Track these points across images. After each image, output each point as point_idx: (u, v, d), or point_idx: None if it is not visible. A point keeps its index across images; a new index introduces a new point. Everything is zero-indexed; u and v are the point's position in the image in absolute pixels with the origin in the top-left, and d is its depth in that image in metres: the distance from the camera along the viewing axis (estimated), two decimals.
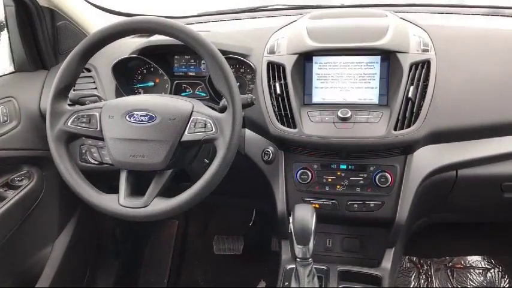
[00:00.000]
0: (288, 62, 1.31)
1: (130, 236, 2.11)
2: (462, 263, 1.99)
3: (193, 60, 1.50)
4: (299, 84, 1.32)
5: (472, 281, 1.92)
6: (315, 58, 1.32)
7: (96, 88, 1.50)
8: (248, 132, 1.38)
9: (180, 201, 1.08)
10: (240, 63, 1.43)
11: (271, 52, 1.36)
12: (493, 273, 1.93)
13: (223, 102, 1.19)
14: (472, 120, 1.28)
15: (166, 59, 1.53)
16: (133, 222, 1.17)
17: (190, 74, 1.51)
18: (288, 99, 1.28)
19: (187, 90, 1.51)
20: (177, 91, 1.51)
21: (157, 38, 1.47)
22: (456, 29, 1.46)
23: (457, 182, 1.35)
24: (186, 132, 1.09)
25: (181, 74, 1.51)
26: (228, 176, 1.09)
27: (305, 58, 1.32)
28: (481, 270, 1.95)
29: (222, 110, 1.13)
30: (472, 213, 1.68)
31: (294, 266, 1.18)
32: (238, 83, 1.39)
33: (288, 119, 1.28)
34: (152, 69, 1.53)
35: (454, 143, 1.30)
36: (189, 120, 1.10)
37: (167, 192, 1.14)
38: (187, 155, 1.20)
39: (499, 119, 1.29)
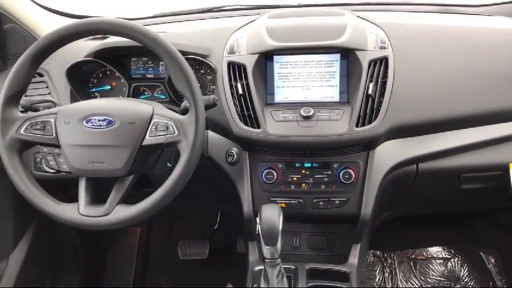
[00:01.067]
0: (249, 62, 1.30)
1: (91, 245, 2.04)
2: (424, 254, 2.04)
3: (151, 62, 1.47)
4: (261, 83, 1.32)
5: (434, 271, 1.98)
6: (275, 57, 1.32)
7: (49, 93, 1.44)
8: (211, 134, 1.36)
9: (143, 207, 1.05)
10: (199, 63, 1.41)
11: (231, 52, 1.35)
12: (453, 263, 1.99)
13: (184, 103, 1.16)
14: (430, 114, 1.31)
15: (123, 62, 1.48)
16: (94, 232, 1.12)
17: (149, 76, 1.47)
18: (251, 99, 1.27)
19: (145, 93, 1.47)
20: (135, 94, 1.47)
21: (113, 40, 1.43)
22: (411, 26, 1.49)
23: (417, 176, 1.38)
24: (147, 136, 1.06)
25: (139, 76, 1.47)
26: (192, 179, 1.07)
27: (266, 57, 1.32)
28: (441, 260, 2.01)
29: (184, 112, 1.11)
30: (433, 205, 1.73)
31: (262, 267, 1.18)
32: (199, 84, 1.37)
33: (251, 119, 1.27)
34: (108, 73, 1.48)
35: (414, 137, 1.33)
36: (149, 123, 1.07)
37: (129, 198, 1.10)
38: (149, 159, 1.16)
39: (456, 112, 1.33)
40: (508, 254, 1.97)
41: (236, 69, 1.31)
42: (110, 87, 1.48)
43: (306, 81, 1.32)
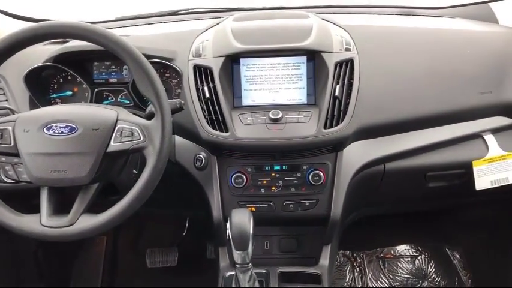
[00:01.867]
0: (215, 65, 1.28)
1: (55, 257, 1.97)
2: (392, 252, 2.07)
3: (114, 66, 1.43)
4: (228, 87, 1.30)
5: (402, 269, 2.01)
6: (242, 60, 1.31)
7: (6, 100, 1.38)
8: (178, 139, 1.33)
9: (109, 216, 1.02)
10: (164, 67, 1.38)
11: (197, 55, 1.33)
12: (421, 260, 2.03)
13: (150, 108, 1.14)
14: (396, 115, 1.33)
15: (85, 66, 1.44)
16: (58, 243, 1.08)
17: (112, 80, 1.43)
18: (218, 103, 1.26)
19: (109, 98, 1.43)
20: (98, 99, 1.42)
21: (74, 44, 1.38)
22: (375, 28, 1.51)
23: (385, 175, 1.39)
24: (111, 143, 1.03)
25: (101, 81, 1.43)
26: (159, 186, 1.05)
27: (232, 60, 1.30)
28: (409, 258, 2.05)
29: (149, 116, 1.09)
30: (400, 204, 1.75)
31: (233, 272, 1.16)
32: (165, 88, 1.35)
33: (219, 123, 1.25)
34: (69, 78, 1.43)
35: (381, 137, 1.34)
36: (114, 129, 1.04)
37: (94, 207, 1.07)
38: (114, 166, 1.13)
39: (420, 112, 1.35)
40: (472, 249, 2.03)
41: (202, 73, 1.29)
42: (71, 92, 1.43)
43: (274, 84, 1.31)
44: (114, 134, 1.04)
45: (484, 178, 1.38)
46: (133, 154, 1.17)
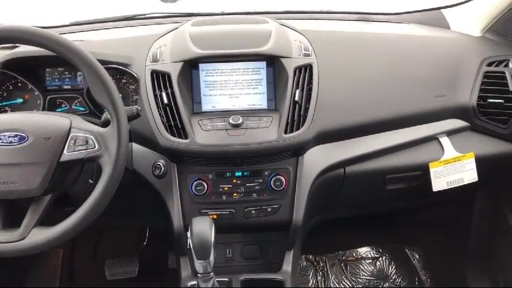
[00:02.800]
0: (173, 70, 1.26)
1: (7, 271, 1.87)
2: (354, 255, 2.10)
3: (67, 72, 1.37)
4: (187, 92, 1.28)
5: (364, 271, 2.04)
6: (201, 65, 1.29)
7: None
8: (135, 146, 1.30)
9: (63, 229, 0.98)
10: (121, 73, 1.34)
11: (155, 60, 1.30)
12: (382, 261, 2.06)
13: (105, 115, 1.10)
14: (354, 119, 1.35)
15: (36, 73, 1.37)
16: (9, 258, 1.02)
17: (66, 87, 1.38)
18: (177, 109, 1.23)
19: (63, 106, 1.37)
20: (51, 107, 1.36)
21: (24, 49, 1.32)
22: (333, 34, 1.53)
23: (345, 179, 1.41)
24: (64, 152, 0.99)
25: (55, 88, 1.38)
26: (117, 195, 1.01)
27: (191, 65, 1.28)
28: (370, 260, 2.07)
29: (105, 124, 1.05)
30: (360, 207, 1.78)
31: (195, 282, 1.14)
32: (121, 95, 1.31)
33: (178, 129, 1.22)
34: (20, 85, 1.36)
35: (341, 141, 1.36)
36: (67, 137, 1.00)
37: (48, 220, 1.02)
38: (68, 176, 1.09)
39: (378, 116, 1.37)
40: (431, 248, 2.08)
41: (160, 78, 1.27)
42: (22, 100, 1.37)
43: (234, 89, 1.30)
44: (67, 143, 1.00)
45: (440, 179, 1.42)
46: (88, 163, 1.13)
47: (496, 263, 1.74)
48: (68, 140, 1.00)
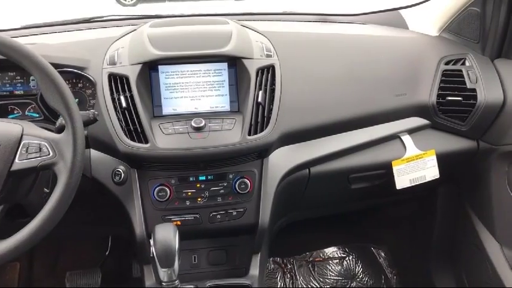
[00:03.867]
0: (132, 73, 1.22)
1: None
2: (321, 255, 2.10)
3: (19, 77, 1.31)
4: (146, 95, 1.24)
5: (331, 271, 2.04)
6: (160, 67, 1.25)
7: None
8: (94, 153, 1.25)
9: (17, 241, 0.92)
10: (76, 77, 1.29)
11: (112, 63, 1.26)
12: (348, 261, 2.07)
13: (60, 121, 1.05)
14: (318, 119, 1.35)
15: None
16: None
17: (17, 92, 1.31)
18: (136, 113, 1.19)
19: (15, 112, 1.30)
20: (3, 114, 1.29)
21: None
22: (294, 35, 1.53)
23: (310, 180, 1.40)
24: (16, 160, 0.94)
25: (6, 93, 1.30)
26: (75, 204, 0.97)
27: (150, 68, 1.25)
28: (337, 260, 2.08)
29: (60, 130, 1.00)
30: (326, 207, 1.78)
31: None
32: (77, 99, 1.27)
33: (137, 134, 1.18)
34: None
35: (305, 142, 1.35)
36: (18, 145, 0.95)
37: (1, 232, 0.96)
38: (21, 186, 1.03)
39: (340, 116, 1.37)
40: (396, 246, 2.11)
41: (118, 81, 1.22)
42: None
43: (195, 91, 1.27)
44: (19, 151, 0.95)
45: (404, 177, 1.43)
46: (42, 171, 1.07)
47: (459, 259, 1.78)
48: (20, 148, 0.95)
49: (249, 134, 1.21)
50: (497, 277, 1.48)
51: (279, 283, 2.01)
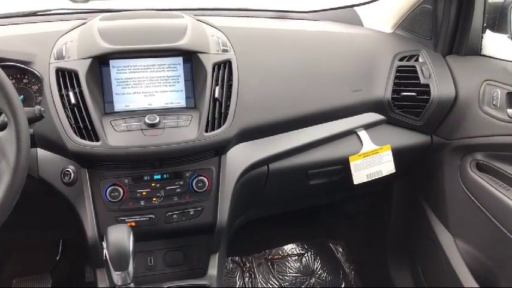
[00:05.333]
0: (81, 68, 1.16)
1: None
2: (280, 253, 2.10)
3: None
4: (97, 91, 1.19)
5: (290, 269, 2.04)
6: (111, 62, 1.20)
7: None
8: (41, 152, 1.18)
9: None
10: (21, 72, 1.22)
11: (60, 58, 1.20)
12: (307, 257, 2.08)
13: (1, 118, 0.98)
14: (275, 115, 1.34)
15: None
16: None
17: None
18: (86, 109, 1.13)
19: None
20: None
21: None
22: (251, 30, 1.51)
23: (269, 176, 1.39)
24: None
25: None
26: (21, 206, 0.92)
27: (100, 62, 1.19)
28: (296, 257, 2.08)
29: (2, 128, 0.94)
30: (284, 204, 1.78)
31: None
32: (22, 96, 1.20)
33: (88, 131, 1.13)
34: None
35: (263, 138, 1.34)
36: None
37: None
38: None
39: (298, 112, 1.37)
40: (353, 241, 2.14)
41: (66, 77, 1.16)
42: None
43: (149, 87, 1.23)
44: None
45: (360, 172, 1.45)
46: None
47: (414, 252, 1.82)
48: None
49: (206, 131, 1.18)
50: (450, 268, 1.52)
51: (238, 282, 1.99)
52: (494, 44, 1.43)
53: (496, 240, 1.36)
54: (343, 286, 2.01)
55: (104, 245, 1.00)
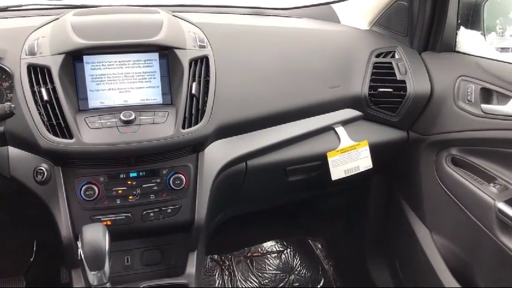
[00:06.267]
0: (54, 64, 1.13)
1: None
2: (259, 250, 2.09)
3: None
4: (71, 87, 1.16)
5: (270, 266, 2.04)
6: (85, 57, 1.17)
7: None
8: (12, 150, 1.15)
9: None
10: None
11: (31, 53, 1.17)
12: (286, 254, 2.08)
13: None
14: (253, 111, 1.33)
15: None
16: None
17: None
18: (59, 106, 1.11)
19: None
20: None
21: None
22: (228, 26, 1.50)
23: (247, 173, 1.38)
24: None
25: None
26: None
27: (74, 58, 1.17)
28: (276, 254, 2.08)
29: None
30: (263, 201, 1.77)
31: None
32: None
33: (61, 129, 1.10)
34: None
35: (242, 135, 1.33)
36: None
37: None
38: None
39: (277, 108, 1.37)
40: (332, 237, 2.15)
41: (39, 73, 1.13)
42: None
43: (124, 83, 1.20)
44: None
45: (339, 168, 1.45)
46: None
47: (392, 246, 1.83)
48: None
49: (183, 127, 1.17)
50: (427, 262, 1.54)
51: (217, 281, 1.97)
52: (468, 40, 1.46)
53: (470, 233, 1.38)
54: (322, 282, 2.02)
55: (79, 244, 0.98)
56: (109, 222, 1.19)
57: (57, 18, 1.29)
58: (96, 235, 0.97)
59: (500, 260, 1.28)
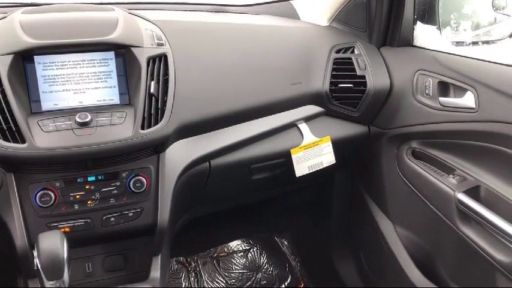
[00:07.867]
0: (2, 65, 1.07)
1: None
2: (225, 250, 2.07)
3: None
4: (21, 89, 1.10)
5: (237, 265, 2.02)
6: (36, 58, 1.12)
7: None
8: None
9: None
10: None
11: None
12: (253, 253, 2.07)
13: None
14: (214, 110, 1.31)
15: None
16: None
17: None
18: (9, 109, 1.05)
19: None
20: None
21: None
22: (187, 24, 1.47)
23: (211, 173, 1.36)
24: None
25: None
26: None
27: (24, 58, 1.11)
28: (242, 253, 2.07)
29: None
30: (228, 200, 1.76)
31: None
32: None
33: (12, 133, 1.04)
34: None
35: (204, 134, 1.31)
36: None
37: None
38: None
39: (238, 106, 1.35)
40: (297, 233, 2.16)
41: None
42: None
43: (79, 84, 1.15)
44: None
45: (302, 165, 1.45)
46: None
47: (357, 240, 1.86)
48: None
49: (142, 128, 1.13)
50: (391, 254, 1.57)
51: (184, 283, 1.94)
52: (424, 35, 1.48)
53: (432, 224, 1.41)
54: (289, 279, 2.02)
55: (35, 253, 0.94)
56: (67, 229, 1.14)
57: (5, 17, 1.22)
58: (53, 243, 0.94)
59: (461, 249, 1.31)
